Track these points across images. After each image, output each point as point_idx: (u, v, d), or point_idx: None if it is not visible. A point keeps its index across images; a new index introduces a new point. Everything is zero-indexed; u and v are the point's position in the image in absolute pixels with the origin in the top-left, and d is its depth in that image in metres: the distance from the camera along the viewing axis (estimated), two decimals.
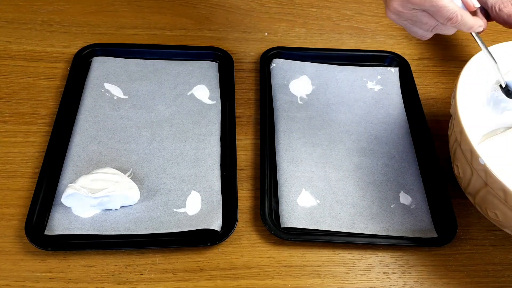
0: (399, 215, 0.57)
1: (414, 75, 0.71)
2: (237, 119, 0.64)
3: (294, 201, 0.56)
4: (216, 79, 0.69)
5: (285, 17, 0.80)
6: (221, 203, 0.56)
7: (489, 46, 0.58)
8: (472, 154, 0.48)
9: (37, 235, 0.51)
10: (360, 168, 0.61)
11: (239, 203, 0.56)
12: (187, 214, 0.54)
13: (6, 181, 0.57)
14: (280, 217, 0.55)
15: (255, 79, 0.71)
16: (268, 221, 0.54)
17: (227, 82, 0.68)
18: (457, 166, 0.54)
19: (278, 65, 0.71)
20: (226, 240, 0.53)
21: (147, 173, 0.58)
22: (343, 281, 0.52)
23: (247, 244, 0.54)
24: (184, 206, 0.55)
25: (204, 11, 0.80)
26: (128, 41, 0.74)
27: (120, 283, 0.50)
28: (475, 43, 0.79)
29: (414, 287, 0.52)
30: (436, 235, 0.55)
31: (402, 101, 0.69)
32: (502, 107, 0.57)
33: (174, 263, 0.52)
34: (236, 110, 0.65)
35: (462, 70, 0.55)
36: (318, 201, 0.57)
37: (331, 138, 0.63)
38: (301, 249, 0.54)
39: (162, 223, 0.53)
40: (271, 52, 0.73)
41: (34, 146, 0.60)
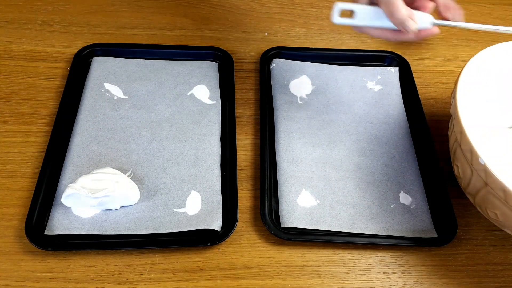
0: (399, 215, 0.57)
1: (414, 75, 0.71)
2: (237, 119, 0.64)
3: (294, 201, 0.56)
4: (216, 79, 0.69)
5: (285, 17, 0.80)
6: (221, 203, 0.56)
7: (489, 46, 0.58)
8: (472, 154, 0.48)
9: (37, 235, 0.51)
10: (360, 168, 0.61)
11: (239, 203, 0.56)
12: (187, 214, 0.54)
13: (6, 181, 0.57)
14: (280, 217, 0.55)
15: (255, 79, 0.71)
16: (268, 221, 0.54)
17: (227, 82, 0.68)
18: (457, 166, 0.54)
19: (278, 65, 0.71)
20: (226, 240, 0.53)
21: (147, 173, 0.58)
22: (343, 281, 0.52)
23: (247, 244, 0.54)
24: (184, 206, 0.55)
25: (204, 11, 0.80)
26: (128, 41, 0.74)
27: (120, 283, 0.50)
28: (476, 43, 0.79)
29: (414, 287, 0.52)
30: (436, 235, 0.55)
31: (402, 101, 0.69)
32: None
33: (174, 263, 0.52)
34: (236, 110, 0.65)
35: (462, 70, 0.55)
36: (318, 201, 0.57)
37: (331, 138, 0.63)
38: (301, 249, 0.54)
39: (162, 223, 0.53)
40: (271, 52, 0.73)
41: (34, 146, 0.60)
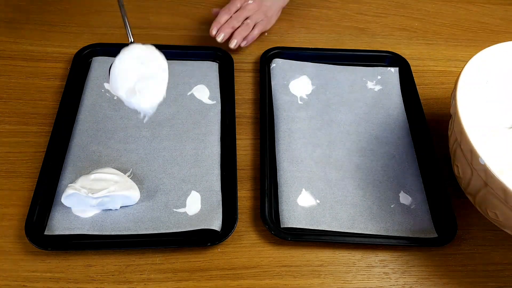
0: (399, 215, 0.57)
1: (414, 75, 0.71)
2: (237, 119, 0.64)
3: (294, 201, 0.56)
4: (216, 79, 0.69)
5: (285, 17, 0.80)
6: (221, 203, 0.56)
7: (488, 46, 0.58)
8: (472, 154, 0.48)
9: (37, 235, 0.51)
10: (360, 168, 0.61)
11: (239, 203, 0.56)
12: (187, 214, 0.54)
13: (6, 181, 0.57)
14: (280, 217, 0.55)
15: (255, 79, 0.71)
16: (268, 221, 0.54)
17: (227, 82, 0.68)
18: (457, 166, 0.54)
19: (278, 65, 0.71)
20: (226, 240, 0.53)
21: (147, 173, 0.58)
22: (343, 281, 0.52)
23: (247, 244, 0.54)
24: (184, 206, 0.55)
25: (204, 11, 0.80)
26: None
27: (120, 283, 0.50)
28: (476, 43, 0.79)
29: (414, 287, 0.52)
30: (436, 235, 0.55)
31: (402, 101, 0.69)
32: None
33: (174, 263, 0.52)
34: (236, 110, 0.65)
35: (462, 70, 0.55)
36: (318, 201, 0.57)
37: (331, 138, 0.63)
38: (301, 249, 0.54)
39: (162, 223, 0.53)
40: (271, 52, 0.73)
41: (34, 146, 0.60)
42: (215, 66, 0.71)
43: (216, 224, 0.54)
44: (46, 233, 0.52)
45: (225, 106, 0.65)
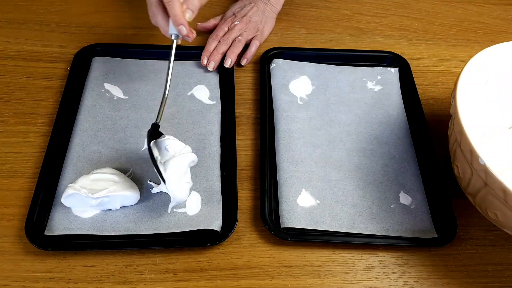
0: (399, 215, 0.57)
1: (414, 75, 0.71)
2: (237, 119, 0.64)
3: (294, 201, 0.56)
4: (216, 79, 0.69)
5: (285, 17, 0.80)
6: (221, 203, 0.56)
7: (488, 46, 0.58)
8: (472, 154, 0.48)
9: (37, 235, 0.51)
10: (360, 168, 0.61)
11: (239, 203, 0.56)
12: (187, 214, 0.54)
13: (6, 181, 0.57)
14: (280, 217, 0.55)
15: (255, 79, 0.71)
16: (268, 221, 0.54)
17: (227, 82, 0.68)
18: (457, 166, 0.54)
19: (278, 65, 0.71)
20: (226, 240, 0.53)
21: (147, 173, 0.58)
22: (343, 281, 0.52)
23: (247, 244, 0.54)
24: (184, 206, 0.55)
25: (204, 11, 0.79)
26: (128, 41, 0.74)
27: (120, 283, 0.50)
28: (476, 43, 0.79)
29: (414, 287, 0.52)
30: (436, 235, 0.55)
31: (402, 101, 0.69)
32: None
33: (174, 263, 0.52)
34: (236, 110, 0.65)
35: (462, 70, 0.55)
36: (318, 201, 0.57)
37: (331, 138, 0.63)
38: (301, 249, 0.54)
39: (162, 223, 0.53)
40: (271, 52, 0.73)
41: (34, 146, 0.60)
42: None
43: (216, 224, 0.54)
44: (46, 233, 0.52)
45: (225, 106, 0.65)
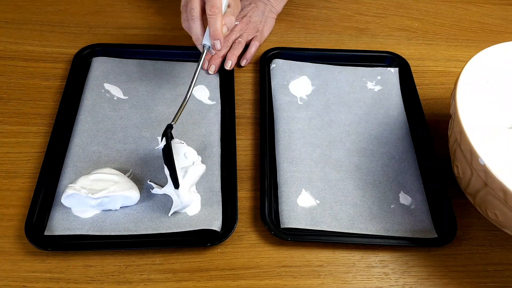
0: (399, 215, 0.57)
1: (414, 75, 0.71)
2: (237, 120, 0.64)
3: (294, 201, 0.56)
4: (216, 80, 0.69)
5: (285, 17, 0.80)
6: (221, 203, 0.56)
7: (488, 46, 0.58)
8: (472, 154, 0.48)
9: (37, 235, 0.51)
10: (360, 169, 0.61)
11: (239, 203, 0.56)
12: (187, 214, 0.54)
13: (6, 181, 0.57)
14: (280, 217, 0.55)
15: (255, 79, 0.71)
16: (268, 221, 0.54)
17: (227, 83, 0.68)
18: (457, 166, 0.54)
19: (278, 66, 0.71)
20: (226, 240, 0.53)
21: (147, 173, 0.58)
22: (343, 281, 0.52)
23: (247, 244, 0.54)
24: None
25: None
26: (128, 41, 0.74)
27: (120, 283, 0.50)
28: (476, 43, 0.79)
29: (414, 287, 0.52)
30: (436, 235, 0.55)
31: (402, 101, 0.69)
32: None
33: (174, 263, 0.52)
34: (236, 110, 0.65)
35: (462, 70, 0.55)
36: (318, 202, 0.57)
37: (331, 138, 0.63)
38: (301, 249, 0.54)
39: (162, 223, 0.53)
40: (271, 52, 0.73)
41: (34, 147, 0.60)
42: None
43: (216, 224, 0.54)
44: (46, 233, 0.52)
45: (225, 107, 0.65)
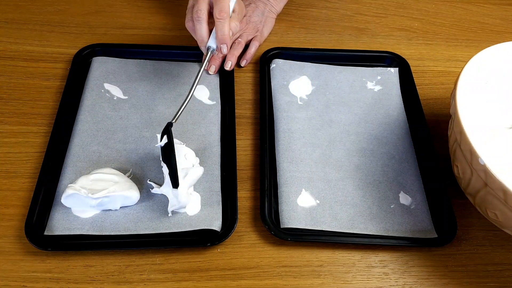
0: (399, 215, 0.57)
1: (414, 76, 0.71)
2: (237, 120, 0.64)
3: (294, 201, 0.56)
4: (216, 80, 0.69)
5: (285, 17, 0.80)
6: (221, 203, 0.56)
7: (488, 46, 0.58)
8: (472, 154, 0.48)
9: (37, 235, 0.51)
10: (360, 169, 0.61)
11: (239, 203, 0.56)
12: (187, 214, 0.54)
13: (6, 181, 0.57)
14: (280, 217, 0.55)
15: (255, 79, 0.71)
16: (268, 221, 0.54)
17: (227, 83, 0.68)
18: (457, 166, 0.54)
19: (278, 66, 0.71)
20: (226, 240, 0.53)
21: (147, 173, 0.58)
22: (343, 281, 0.52)
23: (247, 244, 0.54)
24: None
25: None
26: (128, 41, 0.74)
27: (120, 283, 0.50)
28: (476, 43, 0.80)
29: (414, 287, 0.52)
30: (436, 235, 0.55)
31: (402, 101, 0.69)
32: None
33: (174, 263, 0.52)
34: (236, 110, 0.65)
35: (462, 70, 0.55)
36: (318, 202, 0.57)
37: (331, 138, 0.63)
38: (301, 249, 0.54)
39: (162, 223, 0.53)
40: (271, 52, 0.73)
41: (34, 147, 0.60)
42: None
43: (216, 224, 0.54)
44: (46, 233, 0.52)
45: (225, 107, 0.65)
